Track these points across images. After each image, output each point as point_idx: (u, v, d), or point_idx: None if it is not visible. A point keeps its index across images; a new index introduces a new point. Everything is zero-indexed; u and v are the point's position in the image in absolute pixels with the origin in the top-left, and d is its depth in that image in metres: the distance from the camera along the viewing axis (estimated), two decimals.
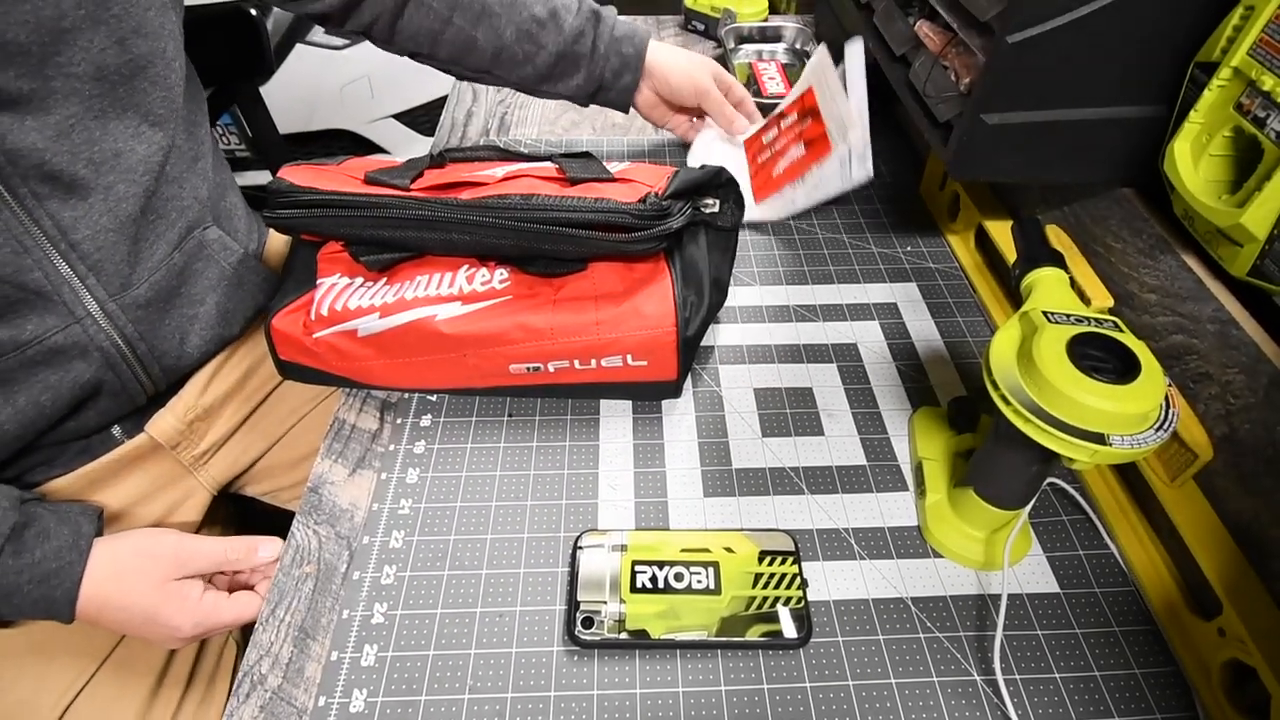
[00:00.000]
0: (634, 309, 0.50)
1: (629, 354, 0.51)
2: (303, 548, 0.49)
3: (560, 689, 0.42)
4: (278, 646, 0.44)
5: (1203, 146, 0.43)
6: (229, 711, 0.42)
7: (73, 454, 0.55)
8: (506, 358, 0.51)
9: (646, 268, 0.51)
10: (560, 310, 0.50)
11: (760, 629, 0.43)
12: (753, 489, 0.52)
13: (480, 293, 0.51)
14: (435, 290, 0.51)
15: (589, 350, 0.51)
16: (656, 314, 0.50)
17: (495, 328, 0.50)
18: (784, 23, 1.02)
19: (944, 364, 0.60)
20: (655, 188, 0.50)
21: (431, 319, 0.50)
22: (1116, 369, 0.37)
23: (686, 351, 0.51)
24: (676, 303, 0.50)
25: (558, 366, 0.52)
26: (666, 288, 0.50)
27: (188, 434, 0.61)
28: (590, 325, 0.50)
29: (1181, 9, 0.43)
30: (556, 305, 0.51)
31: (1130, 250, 0.51)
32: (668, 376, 0.53)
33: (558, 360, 0.51)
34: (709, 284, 0.52)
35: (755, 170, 0.75)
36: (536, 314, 0.50)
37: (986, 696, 0.42)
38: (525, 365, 0.52)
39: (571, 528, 0.49)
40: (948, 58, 0.54)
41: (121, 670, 0.54)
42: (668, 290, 0.50)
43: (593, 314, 0.50)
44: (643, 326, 0.50)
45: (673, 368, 0.52)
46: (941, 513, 0.48)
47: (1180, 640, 0.44)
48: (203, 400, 0.62)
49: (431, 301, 0.51)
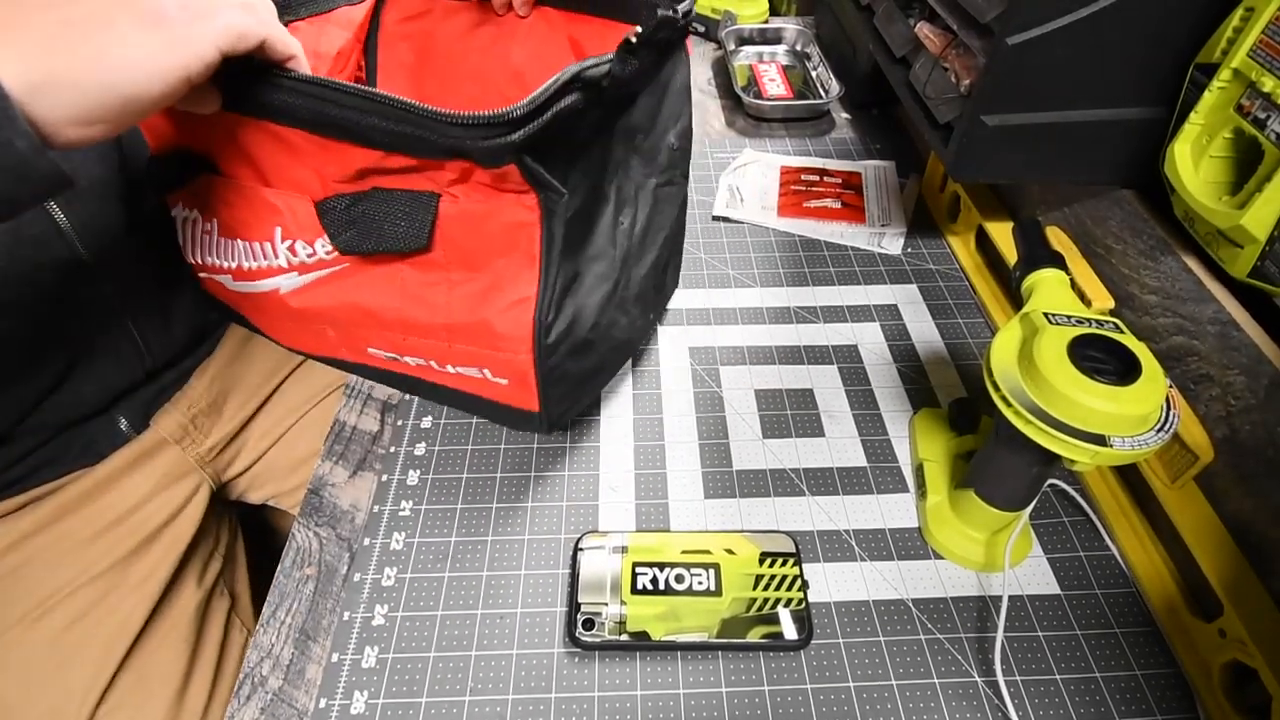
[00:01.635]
0: (484, 325, 0.39)
1: (485, 368, 0.42)
2: (303, 549, 0.49)
3: (561, 691, 0.42)
4: (278, 648, 0.44)
5: (1203, 148, 0.43)
6: (229, 714, 0.42)
7: (78, 450, 0.56)
8: (363, 341, 0.44)
9: (515, 245, 0.38)
10: (407, 298, 0.40)
11: (761, 630, 0.43)
12: (753, 490, 0.52)
13: (309, 264, 0.41)
14: (265, 260, 0.42)
15: (441, 356, 0.42)
16: (509, 335, 0.39)
17: (338, 307, 0.42)
18: (784, 24, 1.02)
19: (945, 365, 0.60)
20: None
21: (277, 292, 0.43)
22: (1117, 370, 0.37)
23: (552, 383, 0.42)
24: (536, 327, 0.39)
25: (415, 362, 0.44)
26: (528, 299, 0.38)
27: (192, 429, 0.62)
28: (441, 329, 0.41)
29: (1181, 11, 0.44)
30: (403, 290, 0.40)
31: (1131, 252, 0.51)
32: (529, 406, 0.43)
33: (413, 356, 0.44)
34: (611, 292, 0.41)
35: (785, 192, 0.78)
36: (380, 294, 0.41)
37: (987, 698, 0.42)
38: (382, 352, 0.45)
39: (572, 529, 0.49)
40: (948, 59, 0.54)
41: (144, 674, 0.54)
42: (529, 304, 0.39)
43: (443, 312, 0.40)
44: (494, 345, 0.40)
45: (532, 397, 0.42)
46: (942, 514, 0.48)
47: (1181, 641, 0.44)
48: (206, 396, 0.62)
49: (268, 274, 0.43)
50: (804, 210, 0.75)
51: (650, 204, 0.48)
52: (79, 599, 0.54)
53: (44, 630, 0.53)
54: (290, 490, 0.69)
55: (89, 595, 0.54)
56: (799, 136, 0.88)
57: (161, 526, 0.59)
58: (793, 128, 0.89)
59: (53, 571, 0.54)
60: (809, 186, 0.78)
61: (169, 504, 0.60)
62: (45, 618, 0.53)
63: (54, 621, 0.53)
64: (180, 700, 0.54)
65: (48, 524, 0.55)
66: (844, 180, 0.79)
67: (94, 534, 0.56)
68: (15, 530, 0.54)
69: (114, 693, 0.52)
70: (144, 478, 0.59)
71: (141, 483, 0.59)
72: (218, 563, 0.63)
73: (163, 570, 0.57)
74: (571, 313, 0.41)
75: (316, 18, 0.54)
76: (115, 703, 0.52)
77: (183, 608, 0.58)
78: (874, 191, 0.77)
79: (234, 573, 0.65)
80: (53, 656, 0.52)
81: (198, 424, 0.62)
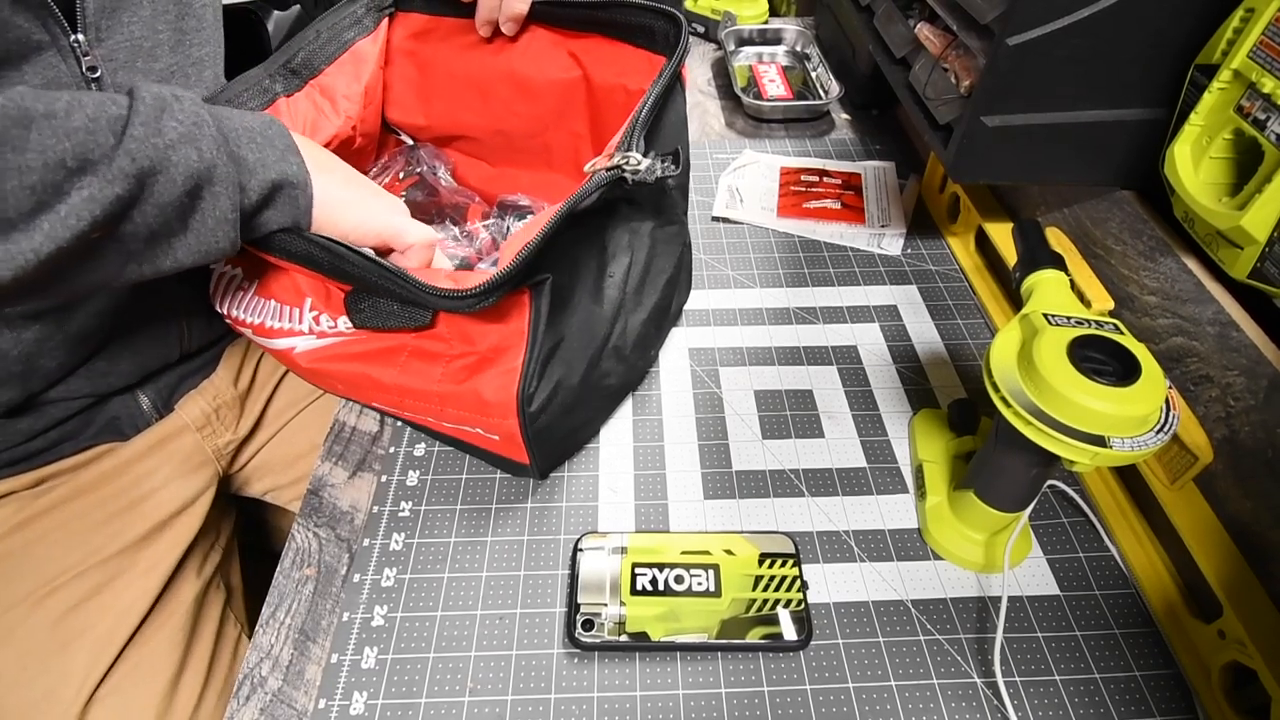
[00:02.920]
0: (474, 394, 0.43)
1: (479, 428, 0.45)
2: (303, 550, 0.49)
3: (560, 691, 0.42)
4: (278, 649, 0.44)
5: (1203, 149, 0.43)
6: (229, 714, 0.41)
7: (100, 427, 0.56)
8: (365, 397, 0.50)
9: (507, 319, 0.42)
10: (408, 368, 0.45)
11: (760, 631, 0.43)
12: (753, 491, 0.52)
13: (328, 333, 0.47)
14: (289, 323, 0.48)
15: (438, 415, 0.46)
16: (497, 404, 0.43)
17: (347, 372, 0.47)
18: (784, 25, 1.02)
19: (944, 366, 0.60)
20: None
21: (291, 351, 0.49)
22: (1117, 371, 0.37)
23: (541, 439, 0.45)
24: (519, 396, 0.42)
25: (419, 418, 0.49)
26: (514, 370, 0.42)
27: (215, 420, 0.62)
28: (434, 396, 0.45)
29: (1181, 11, 0.44)
30: (406, 361, 0.45)
31: (1130, 252, 0.51)
32: (519, 459, 0.47)
33: (412, 414, 0.48)
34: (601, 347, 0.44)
35: (784, 192, 0.78)
36: (385, 367, 0.46)
37: (987, 699, 0.42)
38: (384, 407, 0.51)
39: (572, 530, 0.49)
40: (948, 60, 0.54)
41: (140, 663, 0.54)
42: (514, 374, 0.42)
43: (435, 382, 0.44)
44: (483, 411, 0.43)
45: (522, 453, 0.46)
46: (942, 515, 0.48)
47: (1180, 642, 0.44)
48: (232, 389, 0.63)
49: (288, 334, 0.48)
50: (804, 211, 0.75)
51: (647, 247, 0.50)
52: (85, 581, 0.54)
53: (48, 611, 0.53)
54: (288, 484, 0.69)
55: (95, 579, 0.54)
56: (799, 137, 0.88)
57: (173, 515, 0.59)
58: (792, 128, 0.89)
59: (63, 552, 0.54)
60: (809, 187, 0.78)
61: (183, 493, 0.60)
62: (50, 598, 0.53)
63: (58, 603, 0.53)
64: (173, 690, 0.54)
65: (63, 502, 0.55)
66: (844, 181, 0.79)
67: (107, 517, 0.56)
68: (31, 507, 0.54)
69: (110, 679, 0.53)
70: (161, 463, 0.59)
71: (158, 468, 0.59)
72: (217, 555, 0.63)
73: (169, 559, 0.57)
74: (557, 377, 0.44)
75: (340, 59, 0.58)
76: (110, 689, 0.52)
77: (181, 598, 0.58)
78: (874, 192, 0.77)
79: (230, 566, 0.65)
80: (54, 638, 0.52)
81: (221, 415, 0.63)
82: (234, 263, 0.51)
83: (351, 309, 0.44)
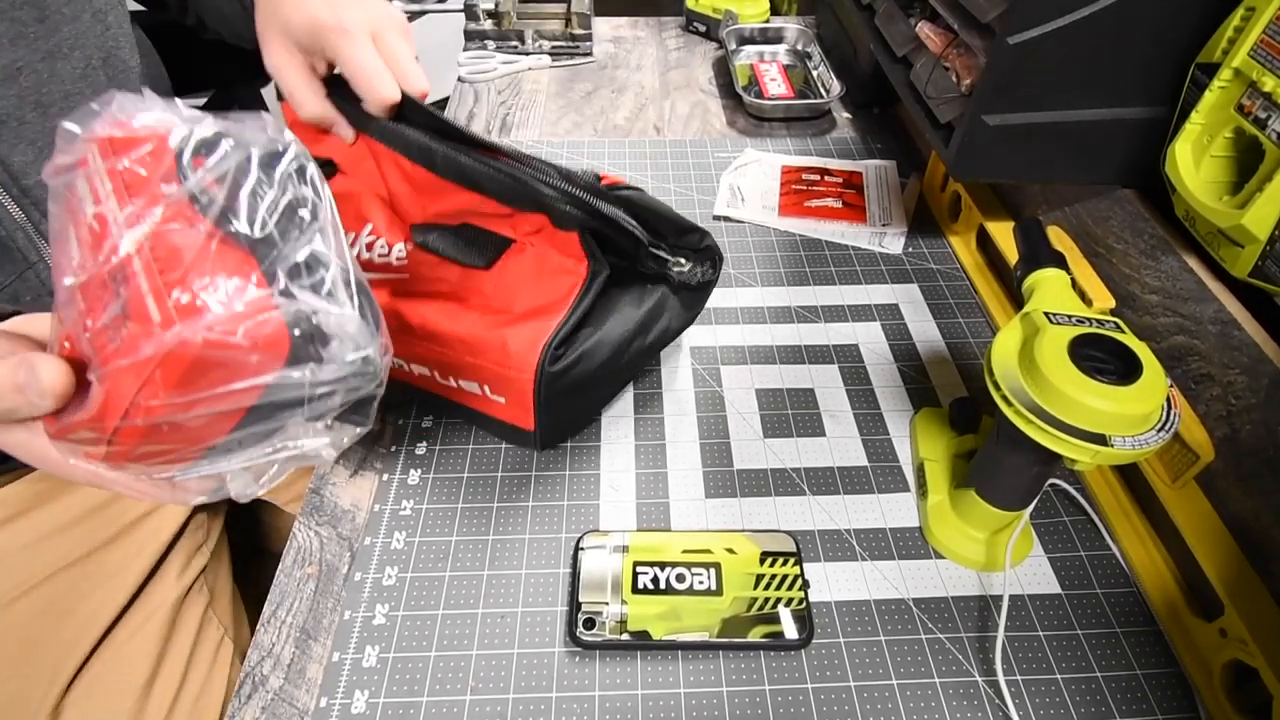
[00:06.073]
0: (501, 341, 0.44)
1: (487, 385, 0.46)
2: (304, 549, 0.49)
3: (562, 690, 0.42)
4: (279, 647, 0.44)
5: (1204, 148, 0.43)
6: (230, 713, 0.42)
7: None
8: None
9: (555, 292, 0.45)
10: (444, 310, 0.46)
11: (762, 630, 0.43)
12: (754, 490, 0.52)
13: (376, 264, 0.48)
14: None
15: (447, 367, 0.47)
16: (519, 351, 0.44)
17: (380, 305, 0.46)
18: (785, 24, 1.02)
19: (945, 365, 0.60)
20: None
21: None
22: (1118, 370, 0.37)
23: (549, 406, 0.46)
24: (545, 349, 0.43)
25: (419, 371, 0.49)
26: (547, 328, 0.44)
27: None
28: (456, 339, 0.46)
29: (1182, 10, 0.44)
30: (443, 303, 0.46)
31: (1132, 251, 0.51)
32: (524, 424, 0.47)
33: (419, 364, 0.48)
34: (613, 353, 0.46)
35: (786, 191, 0.78)
36: (421, 304, 0.46)
37: (988, 697, 0.42)
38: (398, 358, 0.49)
39: (573, 529, 0.49)
40: (949, 59, 0.54)
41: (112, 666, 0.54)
42: (546, 330, 0.44)
43: (466, 326, 0.45)
44: (503, 363, 0.44)
45: (529, 417, 0.46)
46: (943, 514, 0.48)
47: (1182, 641, 0.44)
48: None
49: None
50: (805, 210, 0.75)
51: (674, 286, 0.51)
52: (51, 586, 0.53)
53: (14, 616, 0.52)
54: (286, 484, 0.68)
55: (61, 583, 0.54)
56: (800, 136, 0.88)
57: (140, 518, 0.58)
58: (794, 127, 0.89)
59: (26, 559, 0.54)
60: (810, 186, 0.78)
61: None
62: (16, 604, 0.52)
63: (25, 608, 0.52)
64: (146, 694, 0.54)
65: (23, 511, 0.54)
66: (845, 180, 0.79)
67: (70, 521, 0.55)
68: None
69: (81, 682, 0.52)
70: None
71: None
72: (202, 558, 0.62)
73: (140, 562, 0.57)
74: (582, 350, 0.45)
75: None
76: (81, 692, 0.52)
77: (158, 601, 0.57)
78: (875, 191, 0.77)
79: (218, 569, 0.65)
80: (21, 643, 0.52)
81: None
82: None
83: (418, 234, 0.47)
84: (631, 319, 0.47)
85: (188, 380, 0.24)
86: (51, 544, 0.54)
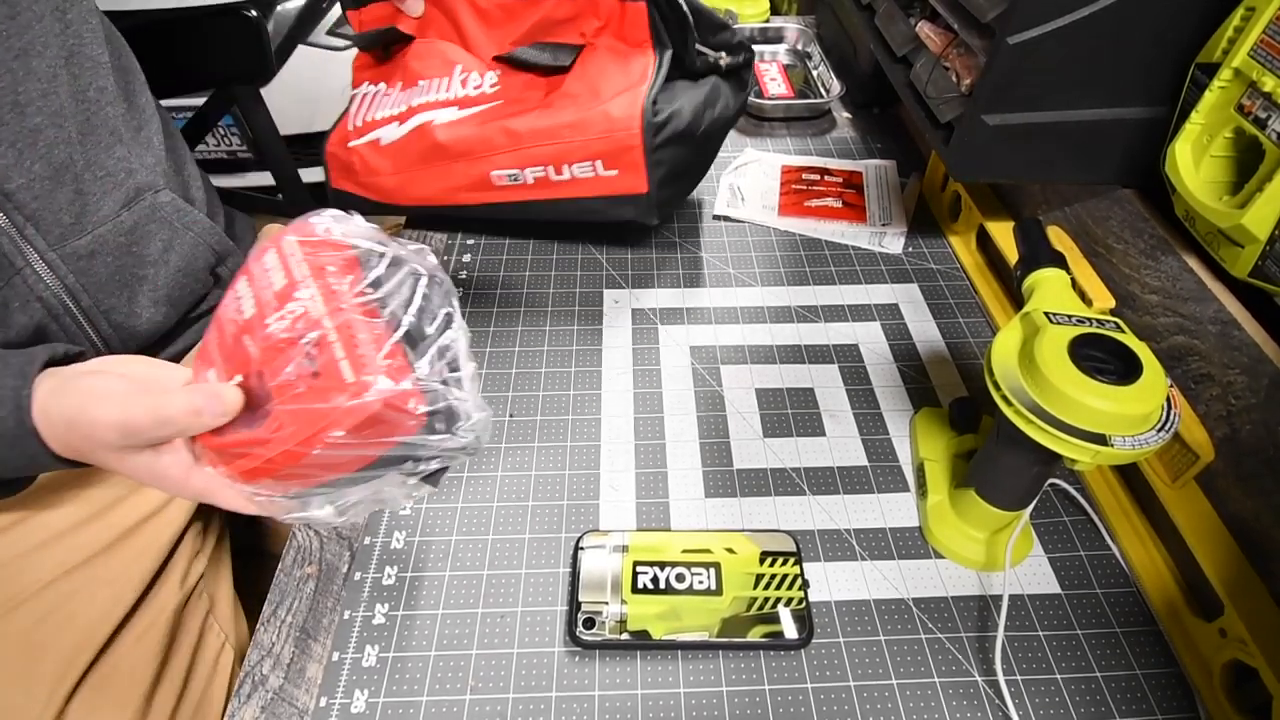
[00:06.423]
0: (604, 113, 0.52)
1: (598, 160, 0.53)
2: (304, 548, 0.49)
3: (561, 690, 0.42)
4: (279, 647, 0.44)
5: (1204, 148, 0.43)
6: (230, 712, 0.42)
7: None
8: (490, 165, 0.55)
9: (634, 72, 0.54)
10: (543, 114, 0.54)
11: (761, 630, 0.43)
12: (754, 489, 0.52)
13: (473, 97, 0.56)
14: (435, 95, 0.56)
15: (561, 156, 0.53)
16: (623, 115, 0.52)
17: (482, 133, 0.54)
18: (785, 24, 1.02)
19: (945, 365, 0.60)
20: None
21: (430, 124, 0.55)
22: (1118, 370, 0.37)
23: (657, 161, 0.53)
24: (644, 106, 0.52)
25: (535, 175, 0.55)
26: (640, 93, 0.52)
27: None
28: (562, 128, 0.53)
29: (1182, 10, 0.44)
30: (540, 111, 0.54)
31: (1132, 251, 0.51)
32: (638, 189, 0.54)
33: (534, 167, 0.54)
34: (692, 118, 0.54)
35: (786, 190, 0.78)
36: (519, 119, 0.54)
37: (988, 697, 0.42)
38: (506, 173, 0.55)
39: (573, 528, 0.49)
40: (949, 59, 0.54)
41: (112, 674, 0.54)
42: (640, 94, 0.52)
43: (568, 116, 0.53)
44: (610, 129, 0.52)
45: (641, 177, 0.54)
46: (943, 513, 0.48)
47: (1182, 641, 0.44)
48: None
49: (432, 107, 0.55)
50: (805, 209, 0.75)
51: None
52: (51, 593, 0.53)
53: (14, 624, 0.52)
54: None
55: (62, 590, 0.53)
56: (800, 136, 0.88)
57: (140, 522, 0.58)
58: (794, 127, 0.89)
59: (27, 565, 0.53)
60: (810, 186, 0.78)
61: (149, 501, 0.59)
62: (17, 610, 0.52)
63: (25, 616, 0.52)
64: (149, 702, 0.54)
65: (23, 518, 0.54)
66: (845, 179, 0.79)
67: (69, 528, 0.55)
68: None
69: (82, 690, 0.52)
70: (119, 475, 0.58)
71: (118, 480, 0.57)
72: (201, 564, 0.62)
73: (140, 568, 0.57)
74: (670, 110, 0.53)
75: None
76: (81, 701, 0.52)
77: (160, 608, 0.57)
78: (875, 191, 0.77)
79: (218, 576, 0.65)
80: (22, 652, 0.52)
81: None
82: (373, 78, 0.60)
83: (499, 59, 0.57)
84: (699, 95, 0.55)
85: (361, 429, 0.32)
86: (51, 551, 0.54)
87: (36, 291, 0.51)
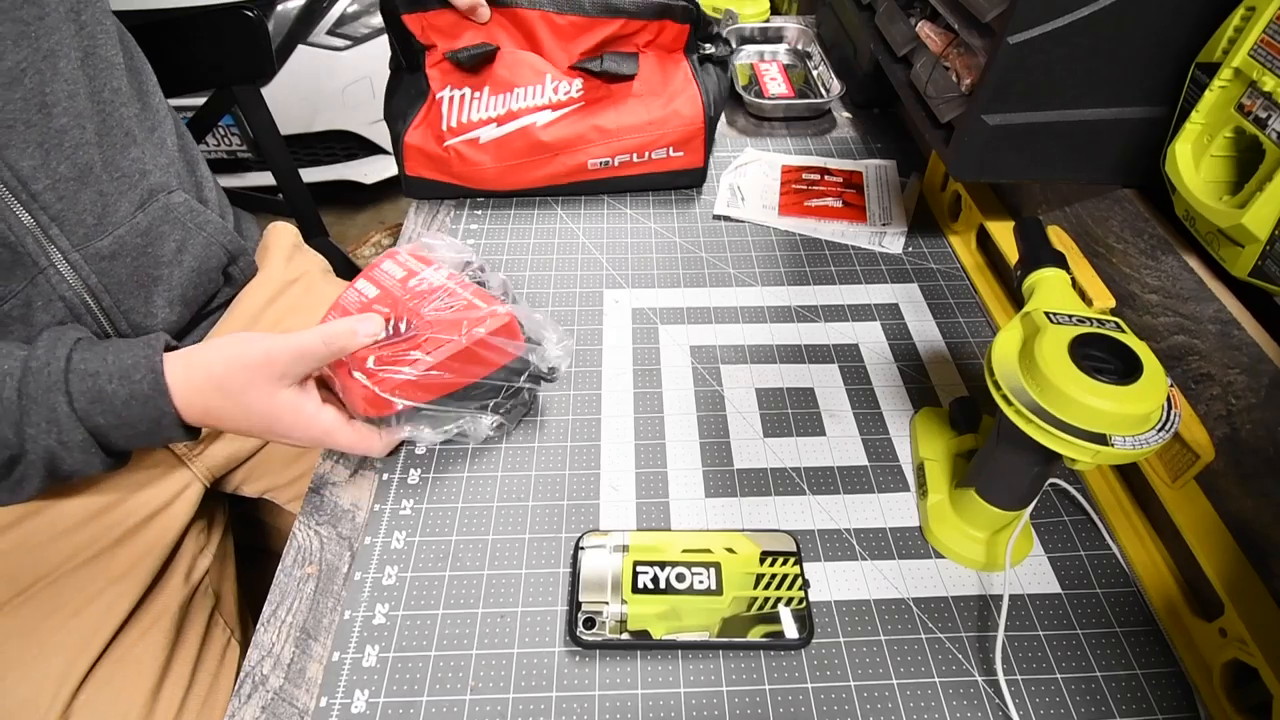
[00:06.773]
0: (674, 111, 0.71)
1: (672, 146, 0.72)
2: (304, 548, 0.49)
3: (562, 689, 0.42)
4: (279, 647, 0.44)
5: (1204, 147, 0.43)
6: (230, 712, 0.42)
7: None
8: (586, 155, 0.71)
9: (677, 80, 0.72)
10: (621, 113, 0.71)
11: (762, 629, 0.43)
12: (754, 489, 0.52)
13: (562, 101, 0.70)
14: (531, 101, 0.69)
15: (645, 145, 0.71)
16: (690, 113, 0.71)
17: (577, 131, 0.70)
18: (785, 23, 1.02)
19: (945, 364, 0.60)
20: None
21: (533, 126, 0.69)
22: (1118, 370, 0.37)
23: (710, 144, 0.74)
24: (704, 103, 0.71)
25: (621, 160, 0.72)
26: (697, 94, 0.71)
27: None
28: (645, 124, 0.71)
29: (1182, 10, 0.43)
30: (618, 110, 0.70)
31: (1132, 251, 0.51)
32: (697, 164, 0.74)
33: (622, 155, 0.72)
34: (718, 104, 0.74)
35: (786, 191, 0.78)
36: (604, 116, 0.70)
37: (988, 697, 0.42)
38: (600, 161, 0.72)
39: (573, 528, 0.49)
40: (949, 58, 0.54)
41: (120, 669, 0.54)
42: (696, 97, 0.71)
43: (645, 114, 0.71)
44: (682, 124, 0.71)
45: (700, 156, 0.74)
46: (943, 513, 0.48)
47: (1182, 641, 0.44)
48: None
49: (530, 111, 0.69)
50: (805, 209, 0.75)
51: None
52: (60, 588, 0.53)
53: (23, 618, 0.52)
54: (287, 484, 0.69)
55: (70, 584, 0.54)
56: (800, 135, 0.88)
57: (147, 519, 0.58)
58: (794, 127, 0.89)
59: (36, 559, 0.54)
60: (810, 185, 0.78)
61: (156, 497, 0.59)
62: (25, 605, 0.53)
63: (33, 610, 0.53)
64: (155, 696, 0.54)
65: (30, 513, 0.54)
66: (845, 179, 0.79)
67: (75, 524, 0.55)
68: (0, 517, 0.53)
69: (89, 685, 0.52)
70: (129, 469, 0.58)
71: (125, 473, 0.58)
72: (206, 559, 0.62)
73: (147, 564, 0.57)
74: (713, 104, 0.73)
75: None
76: (90, 695, 0.52)
77: (166, 604, 0.57)
78: (875, 191, 0.77)
79: (222, 572, 0.65)
80: (30, 645, 0.52)
81: None
82: (456, 83, 0.69)
83: (580, 66, 0.69)
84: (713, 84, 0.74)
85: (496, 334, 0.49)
86: (58, 546, 0.54)
87: (59, 291, 0.51)
